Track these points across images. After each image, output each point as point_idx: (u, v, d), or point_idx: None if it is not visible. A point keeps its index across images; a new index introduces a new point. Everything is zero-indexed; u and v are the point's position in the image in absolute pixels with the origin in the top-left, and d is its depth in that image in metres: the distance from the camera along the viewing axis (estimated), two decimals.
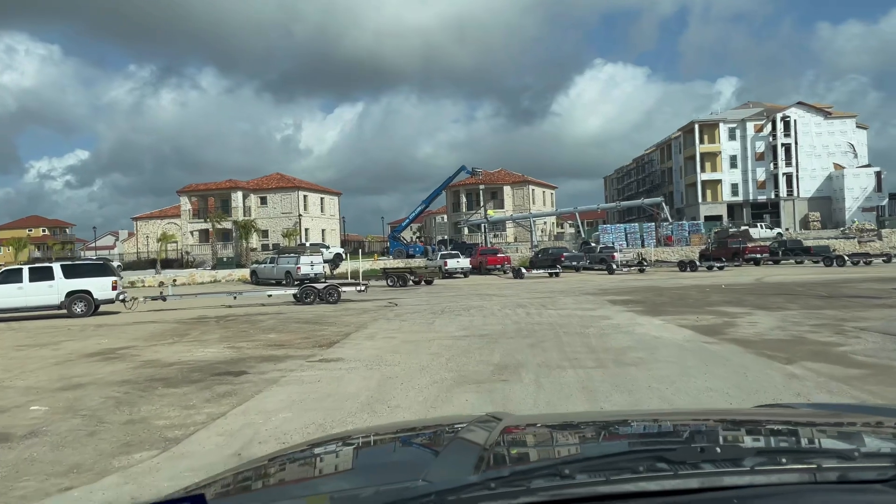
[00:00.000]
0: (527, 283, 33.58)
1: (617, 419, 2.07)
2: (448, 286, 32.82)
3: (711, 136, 72.72)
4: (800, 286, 23.29)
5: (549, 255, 44.21)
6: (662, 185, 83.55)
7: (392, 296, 25.83)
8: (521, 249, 54.48)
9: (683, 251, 50.89)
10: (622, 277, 35.21)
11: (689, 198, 74.13)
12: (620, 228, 59.51)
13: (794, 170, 70.11)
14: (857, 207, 67.09)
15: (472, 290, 29.01)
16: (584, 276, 38.08)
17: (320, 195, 63.90)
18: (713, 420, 1.92)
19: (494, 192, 66.56)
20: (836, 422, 1.80)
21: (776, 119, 70.38)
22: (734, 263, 41.82)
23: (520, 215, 59.16)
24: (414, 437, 1.84)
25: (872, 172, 67.70)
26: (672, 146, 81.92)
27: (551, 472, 1.10)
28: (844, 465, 1.12)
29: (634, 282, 30.58)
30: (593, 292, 23.82)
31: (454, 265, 41.14)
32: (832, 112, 71.16)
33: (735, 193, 72.34)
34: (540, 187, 70.78)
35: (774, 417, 1.93)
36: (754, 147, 71.95)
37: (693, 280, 30.26)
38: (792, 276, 30.10)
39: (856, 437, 1.61)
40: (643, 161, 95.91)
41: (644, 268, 40.10)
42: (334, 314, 18.33)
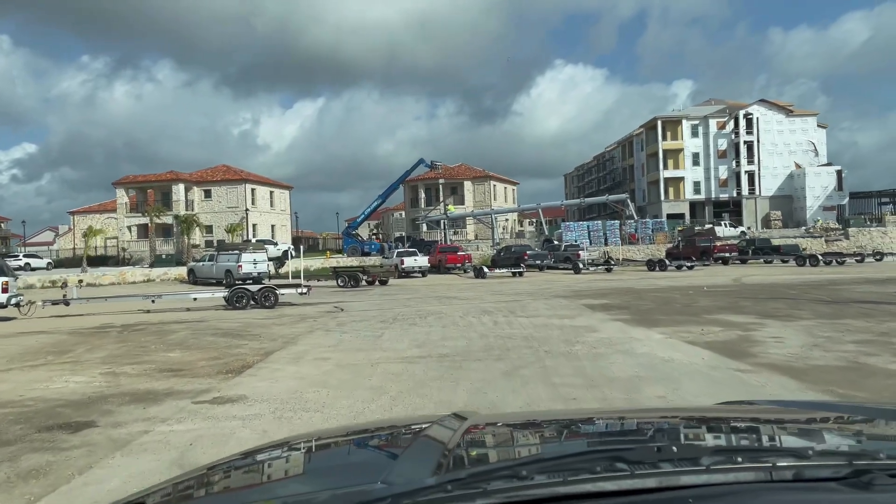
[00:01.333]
0: (489, 283, 31.05)
1: (581, 417, 2.05)
2: (404, 287, 30.06)
3: (674, 133, 71.55)
4: (789, 288, 21.27)
5: (512, 253, 41.80)
6: (624, 183, 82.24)
7: (339, 299, 22.95)
8: (483, 247, 52.01)
9: (650, 250, 49.16)
10: (590, 277, 32.98)
11: (652, 195, 72.86)
12: (583, 226, 57.48)
13: (756, 168, 69.41)
14: (819, 206, 66.65)
15: (430, 291, 26.32)
16: (549, 276, 35.75)
17: (270, 189, 60.27)
18: (674, 418, 1.92)
19: (455, 188, 63.96)
20: (793, 419, 1.81)
21: (739, 116, 69.55)
22: (703, 263, 40.08)
23: (481, 211, 56.62)
24: (377, 437, 1.82)
25: (833, 171, 67.38)
26: (634, 143, 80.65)
27: (510, 473, 1.09)
28: (799, 464, 1.12)
29: (604, 282, 28.32)
30: (565, 294, 21.37)
31: (411, 264, 38.36)
32: (793, 110, 70.73)
33: (697, 191, 71.32)
34: (501, 183, 68.48)
35: (734, 415, 1.95)
36: (717, 144, 71.04)
37: (667, 280, 28.15)
38: (770, 277, 28.26)
39: (812, 434, 1.63)
40: (604, 158, 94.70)
41: (611, 267, 38.01)
42: (265, 323, 15.39)
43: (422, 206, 62.84)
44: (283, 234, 60.87)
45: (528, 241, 55.95)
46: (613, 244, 52.69)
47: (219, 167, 59.54)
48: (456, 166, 66.14)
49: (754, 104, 70.73)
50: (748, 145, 69.56)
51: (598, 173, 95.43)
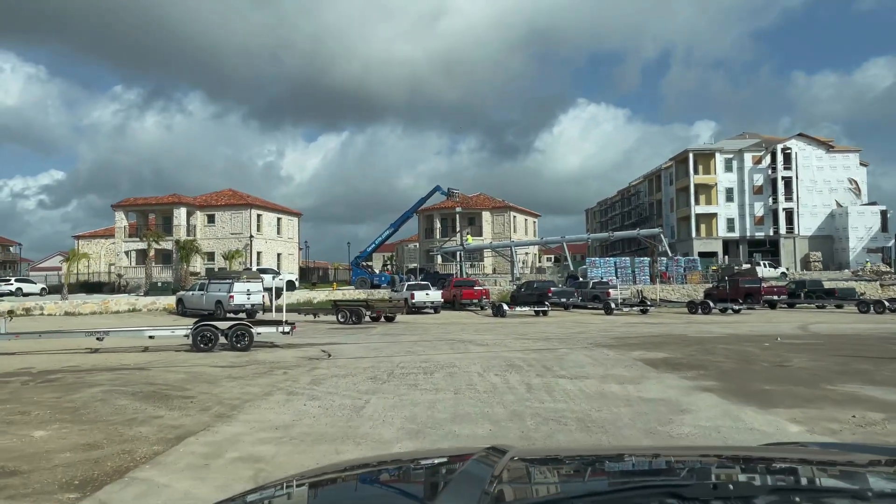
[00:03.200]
0: (510, 323, 27.12)
1: (624, 454, 1.98)
2: (413, 325, 26.22)
3: (706, 167, 67.65)
4: (886, 342, 17.14)
5: (535, 289, 37.83)
6: (651, 219, 78.16)
7: (333, 339, 19.16)
8: (501, 282, 48.12)
9: (685, 290, 44.98)
10: (625, 319, 28.90)
11: (682, 232, 68.69)
12: (610, 262, 53.42)
13: (794, 205, 65.15)
14: (862, 248, 62.12)
15: (442, 331, 22.46)
16: (577, 317, 31.73)
17: (277, 215, 57.00)
18: (724, 457, 1.88)
19: (472, 218, 60.30)
20: (846, 461, 1.76)
21: (776, 151, 65.59)
22: (748, 306, 35.78)
23: (500, 244, 52.81)
24: (417, 469, 1.81)
25: (878, 211, 62.95)
26: (662, 177, 76.83)
27: None
28: None
29: (645, 326, 24.26)
30: (606, 342, 17.40)
31: (422, 298, 34.54)
32: (834, 146, 66.67)
33: (731, 229, 67.07)
34: (522, 214, 64.79)
35: (786, 455, 1.94)
36: (752, 180, 66.99)
37: (719, 326, 24.03)
38: (842, 325, 24.04)
39: (868, 476, 1.61)
40: (629, 193, 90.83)
41: (647, 308, 33.90)
42: (217, 375, 11.61)
43: (437, 237, 59.19)
44: (289, 264, 57.42)
45: (550, 276, 51.98)
46: (642, 283, 48.61)
47: (224, 191, 56.48)
48: (474, 196, 62.63)
49: (792, 138, 66.79)
50: (786, 181, 65.44)
51: (623, 208, 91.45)
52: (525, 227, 65.44)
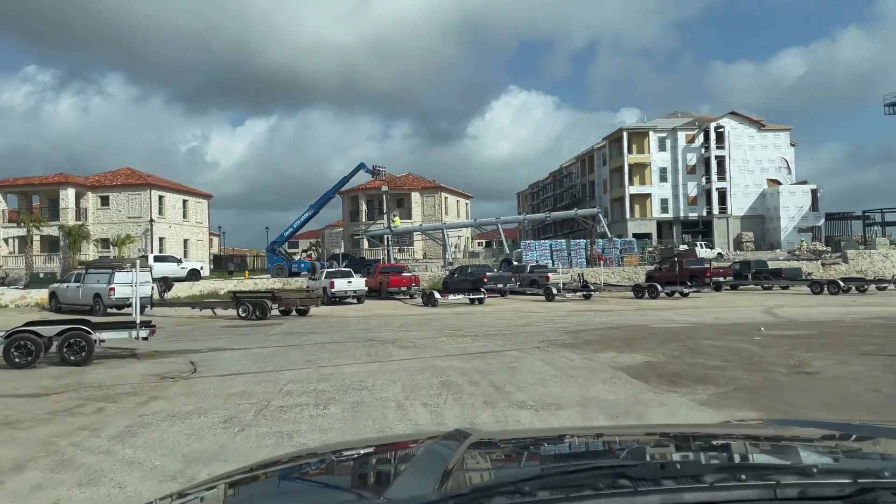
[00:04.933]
0: (443, 314, 23.57)
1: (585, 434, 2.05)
2: (329, 319, 22.29)
3: (640, 146, 65.97)
4: (875, 329, 14.48)
5: (469, 275, 34.42)
6: (583, 200, 76.22)
7: (216, 344, 15.05)
8: (432, 268, 44.57)
9: (625, 272, 42.64)
10: (569, 307, 25.85)
11: (616, 213, 66.87)
12: (546, 245, 50.71)
13: (727, 185, 64.29)
14: (794, 227, 61.82)
15: (361, 327, 18.65)
16: (516, 304, 28.52)
17: (183, 197, 51.30)
18: (677, 436, 1.90)
19: (401, 200, 56.29)
20: (798, 438, 1.80)
21: (709, 129, 64.47)
22: (693, 289, 33.49)
23: (431, 226, 49.02)
24: (381, 453, 1.82)
25: (808, 190, 62.76)
26: (595, 157, 74.99)
27: (512, 489, 1.09)
28: (804, 482, 1.11)
29: (596, 315, 21.19)
30: (561, 339, 14.02)
31: (344, 287, 30.55)
32: (766, 125, 66.14)
33: (665, 210, 65.73)
34: (454, 196, 61.27)
35: (737, 433, 1.96)
36: (685, 159, 65.75)
37: (678, 313, 21.21)
38: (812, 309, 21.65)
39: (816, 453, 1.63)
40: (561, 175, 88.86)
41: (590, 293, 31.05)
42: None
43: (363, 220, 54.94)
44: (198, 251, 52.03)
45: (484, 261, 48.76)
46: (578, 265, 46.07)
47: (121, 170, 50.29)
48: (403, 176, 58.59)
49: (724, 116, 65.87)
50: (719, 161, 64.47)
51: (555, 190, 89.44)
52: (457, 210, 62.00)
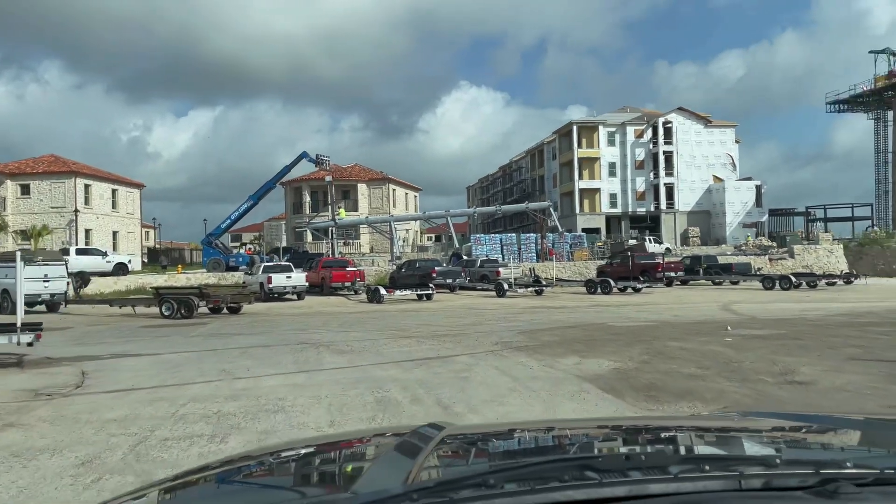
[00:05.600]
0: (388, 311, 22.00)
1: (556, 427, 2.03)
2: (262, 317, 20.44)
3: (590, 141, 65.57)
4: (847, 327, 13.63)
5: (417, 269, 32.94)
6: (533, 195, 75.47)
7: (124, 348, 13.11)
8: (379, 262, 42.85)
9: (575, 267, 41.85)
10: (522, 303, 24.63)
11: (565, 208, 66.32)
12: (496, 239, 49.58)
13: (674, 180, 64.50)
14: (738, 223, 62.43)
15: (296, 327, 16.91)
16: (466, 300, 27.17)
17: (112, 186, 48.05)
18: (645, 429, 1.91)
19: (347, 191, 54.25)
20: (763, 429, 1.81)
21: (658, 124, 64.53)
22: (645, 284, 32.79)
23: (378, 218, 47.15)
24: (352, 447, 1.82)
25: (753, 186, 63.49)
26: (545, 151, 74.40)
27: (478, 482, 1.09)
28: (768, 472, 1.13)
29: (551, 312, 19.99)
30: (515, 340, 12.65)
31: (282, 282, 28.58)
32: (712, 121, 66.63)
33: (614, 204, 65.53)
34: (402, 188, 59.56)
35: (703, 424, 1.98)
36: (634, 154, 65.67)
37: (633, 309, 20.20)
38: (771, 305, 20.95)
39: (780, 444, 1.66)
40: (511, 169, 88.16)
41: (542, 289, 29.96)
42: None
43: (306, 212, 52.68)
44: (129, 244, 48.96)
45: (433, 255, 47.27)
46: (529, 260, 45.12)
47: (43, 157, 46.72)
48: (349, 167, 56.52)
49: (672, 112, 66.05)
50: (667, 156, 64.60)
51: (505, 185, 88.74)
52: (406, 202, 60.34)
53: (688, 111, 66.47)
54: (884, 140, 58.22)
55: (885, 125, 58.29)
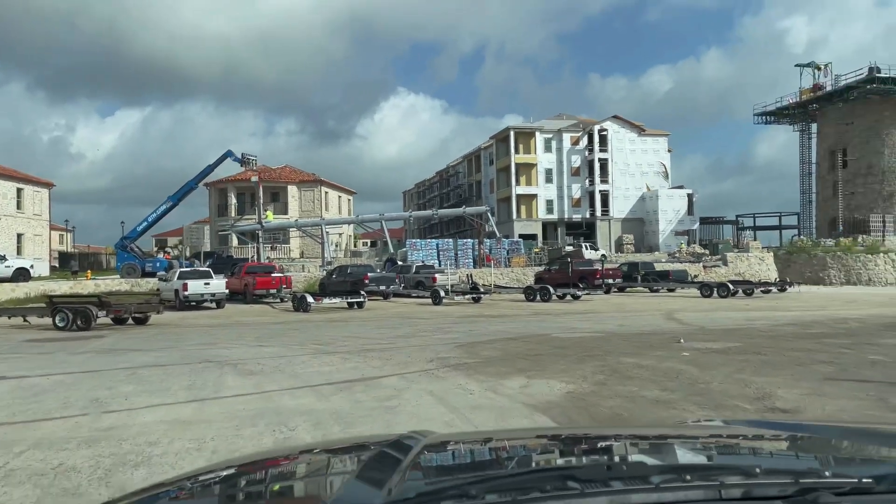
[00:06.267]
0: (314, 321, 20.22)
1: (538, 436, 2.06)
2: (171, 329, 18.33)
3: (527, 146, 65.24)
4: (803, 339, 12.83)
5: (349, 275, 31.13)
6: (470, 200, 74.77)
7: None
8: (310, 268, 40.81)
9: (513, 273, 40.89)
10: (459, 311, 23.30)
11: (502, 214, 65.72)
12: (432, 244, 48.26)
13: (609, 188, 64.86)
14: (671, 231, 63.24)
15: (206, 341, 14.98)
16: (400, 308, 25.63)
17: (17, 185, 44.08)
18: (628, 437, 1.91)
19: (276, 193, 51.74)
20: (743, 438, 1.81)
21: (593, 132, 64.80)
22: (585, 291, 32.04)
23: (308, 221, 44.91)
24: (333, 456, 1.79)
25: (685, 195, 64.50)
26: (482, 157, 73.73)
27: (459, 492, 1.09)
28: (747, 482, 1.13)
29: (490, 322, 18.69)
30: (453, 355, 11.21)
31: (199, 289, 26.33)
32: (645, 130, 67.42)
33: (550, 211, 65.39)
34: (335, 191, 57.39)
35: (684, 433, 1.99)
36: (570, 161, 65.76)
37: (576, 318, 19.14)
38: (715, 313, 20.28)
39: (761, 453, 1.66)
40: (448, 174, 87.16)
41: (480, 296, 28.73)
42: None
43: (232, 215, 49.88)
44: (37, 247, 45.13)
45: (367, 260, 45.49)
46: (465, 266, 44.00)
47: None
48: (279, 168, 54.01)
49: (608, 120, 66.50)
50: (602, 163, 64.94)
51: (441, 190, 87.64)
52: (339, 206, 58.20)
53: (622, 119, 67.08)
54: (808, 151, 60.01)
55: (810, 137, 60.12)
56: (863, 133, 54.26)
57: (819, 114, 58.29)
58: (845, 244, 45.87)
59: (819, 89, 55.56)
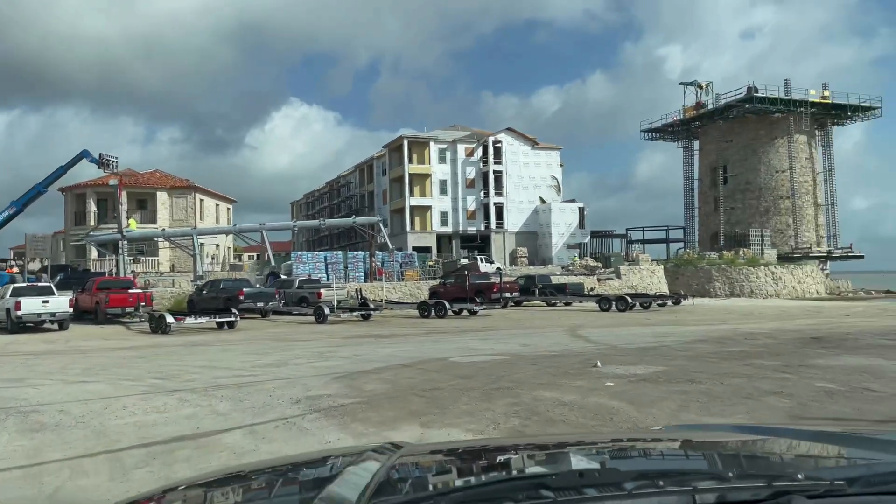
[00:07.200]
0: (172, 344, 17.01)
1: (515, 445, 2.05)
2: None
3: (421, 156, 63.50)
4: (742, 361, 11.42)
5: (221, 291, 27.79)
6: (362, 211, 71.90)
7: None
8: (182, 283, 36.65)
9: (407, 287, 38.72)
10: (345, 331, 20.78)
11: (396, 226, 63.44)
12: (320, 257, 45.22)
13: (504, 200, 64.26)
14: (563, 244, 63.42)
15: (13, 376, 11.65)
16: (278, 328, 22.73)
17: None
18: (602, 444, 1.90)
19: (143, 200, 46.73)
20: (717, 443, 1.81)
21: (488, 143, 64.05)
22: (482, 306, 30.30)
23: (177, 231, 40.45)
24: (310, 468, 1.77)
25: (577, 208, 64.98)
26: (375, 167, 71.33)
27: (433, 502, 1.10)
28: (721, 486, 1.14)
29: (380, 343, 16.34)
30: (329, 397, 8.78)
31: (34, 308, 22.19)
32: (539, 143, 67.55)
33: (445, 223, 63.83)
34: (212, 199, 52.88)
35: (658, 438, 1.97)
36: (465, 172, 64.61)
37: (476, 338, 17.18)
38: (620, 329, 18.94)
39: (734, 458, 1.65)
40: (339, 184, 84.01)
41: (369, 313, 26.26)
42: None
43: (92, 223, 44.47)
44: None
45: (248, 275, 41.70)
46: (356, 280, 41.41)
47: None
48: (147, 172, 48.98)
49: (502, 132, 66.09)
50: (496, 176, 64.25)
51: (332, 200, 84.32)
52: (216, 215, 53.71)
53: (516, 132, 66.88)
54: (691, 168, 62.06)
55: (692, 154, 62.23)
56: (741, 151, 56.64)
57: (701, 131, 60.47)
58: (728, 257, 47.23)
59: (701, 107, 57.58)
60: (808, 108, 54.56)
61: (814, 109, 55.21)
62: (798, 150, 56.40)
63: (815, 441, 1.75)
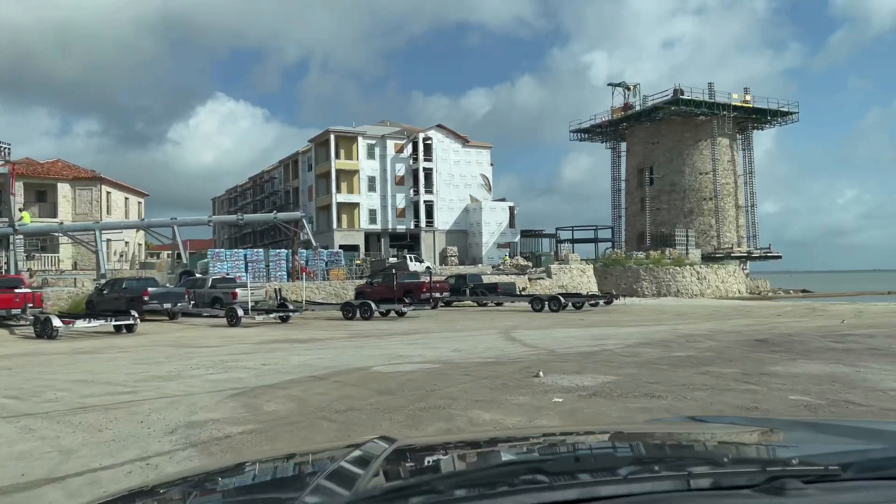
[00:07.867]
0: (54, 351, 14.69)
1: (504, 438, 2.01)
2: None
3: (349, 152, 61.41)
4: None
5: (124, 291, 25.23)
6: (287, 208, 68.93)
7: None
8: (85, 282, 33.47)
9: (332, 287, 36.81)
10: (259, 335, 18.85)
11: (322, 223, 61.08)
12: (239, 255, 42.60)
13: (434, 198, 62.98)
14: (494, 243, 62.72)
15: None
16: (184, 332, 20.54)
17: None
18: (597, 434, 1.91)
19: (43, 192, 42.75)
20: (711, 432, 1.82)
21: (418, 140, 62.61)
22: (412, 307, 28.78)
23: (77, 225, 36.86)
24: (303, 462, 1.75)
25: (507, 207, 64.41)
26: (300, 162, 68.72)
27: (427, 489, 1.10)
28: (716, 472, 1.15)
29: (296, 350, 14.59)
30: (217, 425, 7.06)
31: None
32: (469, 141, 66.62)
33: (373, 221, 61.99)
34: (122, 192, 49.07)
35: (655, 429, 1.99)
36: (394, 169, 62.96)
37: (403, 343, 15.69)
38: (554, 332, 17.83)
39: (727, 446, 1.66)
40: (262, 180, 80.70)
41: (288, 315, 24.30)
42: None
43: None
44: None
45: (159, 273, 38.63)
46: (278, 279, 39.20)
47: None
48: (48, 162, 44.89)
49: (432, 129, 64.78)
50: (427, 173, 62.91)
51: (255, 196, 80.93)
52: (126, 210, 49.93)
53: (447, 129, 65.74)
54: (619, 168, 62.47)
55: (620, 155, 62.67)
56: (667, 152, 57.34)
57: (628, 133, 60.96)
58: (655, 257, 47.47)
59: (629, 108, 57.96)
60: (730, 111, 55.78)
61: (736, 113, 56.55)
62: (721, 152, 57.66)
63: (810, 430, 1.77)
